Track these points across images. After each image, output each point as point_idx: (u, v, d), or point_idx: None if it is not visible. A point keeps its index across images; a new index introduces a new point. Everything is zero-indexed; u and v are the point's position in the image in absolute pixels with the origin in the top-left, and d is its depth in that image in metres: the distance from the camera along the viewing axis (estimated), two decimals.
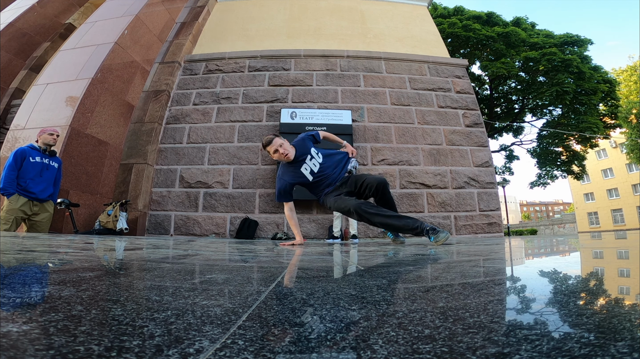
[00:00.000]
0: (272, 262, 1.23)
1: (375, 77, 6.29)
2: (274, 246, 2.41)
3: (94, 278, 0.69)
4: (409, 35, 7.33)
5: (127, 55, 5.47)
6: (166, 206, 5.23)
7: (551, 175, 14.50)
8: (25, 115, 4.60)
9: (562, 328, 0.36)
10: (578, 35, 12.89)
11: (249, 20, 7.56)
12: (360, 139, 5.63)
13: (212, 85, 6.20)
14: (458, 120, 5.97)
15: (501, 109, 14.97)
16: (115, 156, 5.07)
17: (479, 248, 1.95)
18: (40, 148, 3.37)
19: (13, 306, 0.43)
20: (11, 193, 3.16)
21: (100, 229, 4.27)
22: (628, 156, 18.42)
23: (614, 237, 3.46)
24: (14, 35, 7.21)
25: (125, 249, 1.67)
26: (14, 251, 1.22)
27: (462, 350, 0.29)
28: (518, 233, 19.71)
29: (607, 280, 0.79)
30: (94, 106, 4.73)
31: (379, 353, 0.29)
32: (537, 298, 0.54)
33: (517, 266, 1.17)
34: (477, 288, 0.62)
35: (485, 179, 5.53)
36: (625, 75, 17.94)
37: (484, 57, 13.37)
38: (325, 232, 5.07)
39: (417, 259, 1.32)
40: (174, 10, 6.98)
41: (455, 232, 5.17)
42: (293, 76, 6.24)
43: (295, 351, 0.30)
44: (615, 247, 1.86)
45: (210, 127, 5.75)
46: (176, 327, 0.36)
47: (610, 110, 13.07)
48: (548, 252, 1.83)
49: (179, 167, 5.45)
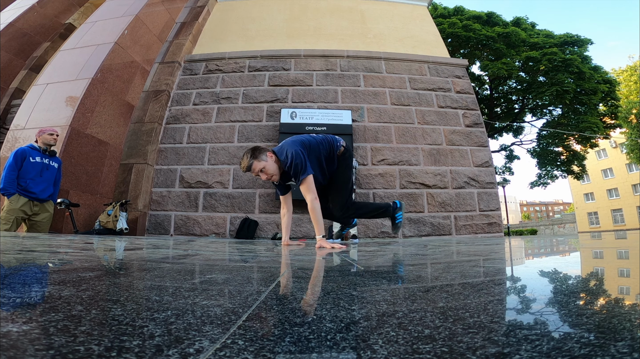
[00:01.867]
0: (272, 262, 1.23)
1: (375, 77, 6.29)
2: (274, 246, 2.41)
3: (94, 278, 0.69)
4: (409, 35, 7.33)
5: (127, 55, 5.47)
6: (166, 206, 5.23)
7: (551, 175, 14.51)
8: (25, 115, 4.59)
9: (562, 328, 0.36)
10: (578, 35, 12.90)
11: (249, 20, 7.56)
12: (360, 139, 5.63)
13: (212, 85, 6.20)
14: (458, 120, 5.97)
15: (501, 109, 14.98)
16: (115, 156, 5.07)
17: (479, 248, 1.95)
18: (40, 148, 3.37)
19: (13, 306, 0.43)
20: (11, 193, 3.16)
21: (100, 229, 4.27)
22: (628, 156, 18.43)
23: (614, 237, 3.46)
24: (14, 35, 7.21)
25: (125, 249, 1.67)
26: (14, 251, 1.23)
27: (462, 350, 0.29)
28: (518, 233, 19.71)
29: (607, 280, 0.79)
30: (94, 106, 4.73)
31: (379, 353, 0.29)
32: (537, 298, 0.54)
33: (517, 266, 1.17)
34: (477, 288, 0.62)
35: (485, 179, 5.52)
36: (625, 75, 17.94)
37: (484, 57, 13.37)
38: (325, 232, 5.07)
39: (417, 259, 1.32)
40: (174, 10, 6.98)
41: (455, 232, 5.17)
42: (293, 76, 6.24)
43: (295, 351, 0.30)
44: (615, 247, 1.86)
45: (210, 127, 5.75)
46: (176, 327, 0.36)
47: (610, 110, 13.07)
48: (548, 252, 1.83)
49: (179, 167, 5.45)
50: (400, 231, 2.56)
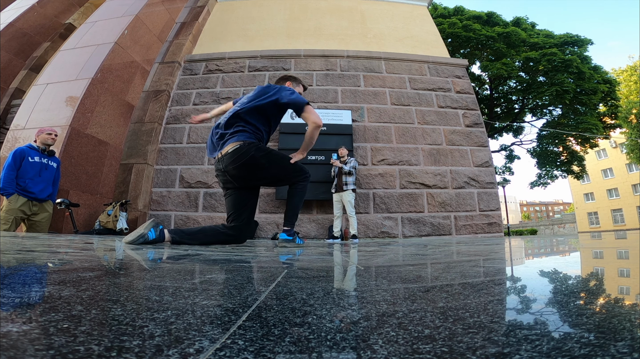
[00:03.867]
0: (272, 262, 1.23)
1: (375, 77, 6.29)
2: (274, 246, 2.41)
3: (94, 278, 0.69)
4: (409, 35, 7.33)
5: (127, 55, 5.47)
6: (166, 206, 5.23)
7: (551, 175, 14.51)
8: (25, 115, 4.59)
9: (562, 328, 0.36)
10: (578, 35, 12.91)
11: (249, 20, 7.56)
12: (360, 139, 5.63)
13: (212, 85, 6.20)
14: (458, 120, 5.97)
15: (501, 109, 14.98)
16: (115, 156, 5.07)
17: (479, 248, 1.95)
18: (39, 148, 3.37)
19: (13, 306, 0.43)
20: (11, 193, 3.15)
21: (100, 229, 4.27)
22: (628, 156, 18.43)
23: (614, 237, 3.46)
24: (14, 35, 7.21)
25: (125, 249, 1.67)
26: (14, 251, 1.22)
27: (462, 350, 0.29)
28: (518, 233, 19.71)
29: (607, 280, 0.79)
30: (94, 106, 4.73)
31: (379, 353, 0.29)
32: (537, 298, 0.54)
33: (517, 266, 1.17)
34: (477, 288, 0.62)
35: (485, 179, 5.53)
36: (625, 75, 17.95)
37: (484, 57, 13.38)
38: (325, 232, 5.07)
39: (417, 259, 1.32)
40: (174, 10, 6.98)
41: (455, 232, 5.17)
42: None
43: (295, 351, 0.30)
44: (615, 247, 1.86)
45: (210, 127, 5.74)
46: (176, 327, 0.36)
47: (610, 110, 13.08)
48: (548, 252, 1.84)
49: (179, 167, 5.45)
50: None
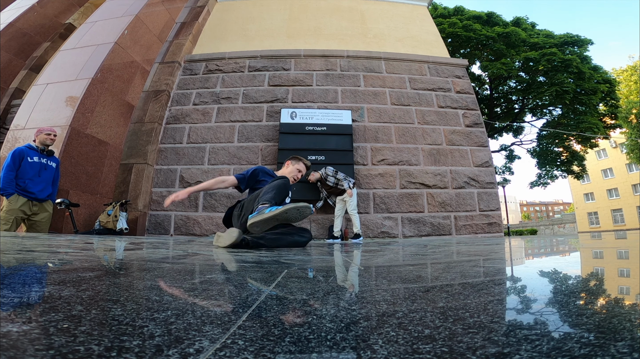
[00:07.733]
0: (272, 262, 1.23)
1: (375, 77, 6.29)
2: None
3: (94, 278, 0.69)
4: (409, 35, 7.33)
5: (127, 55, 5.47)
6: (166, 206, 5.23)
7: (551, 175, 14.51)
8: (25, 115, 4.59)
9: (562, 328, 0.36)
10: (578, 35, 12.90)
11: (248, 20, 7.56)
12: (360, 139, 5.63)
13: (212, 85, 6.19)
14: (458, 120, 5.97)
15: (501, 109, 14.98)
16: (115, 156, 5.07)
17: (479, 248, 1.95)
18: (38, 148, 3.36)
19: (13, 306, 0.43)
20: (10, 193, 3.15)
21: (100, 229, 4.27)
22: (628, 156, 18.42)
23: (614, 237, 3.46)
24: (14, 35, 7.21)
25: (125, 249, 1.67)
26: (14, 251, 1.22)
27: (462, 350, 0.29)
28: (518, 233, 19.71)
29: (607, 280, 0.79)
30: (94, 106, 4.73)
31: (379, 353, 0.29)
32: (537, 298, 0.54)
33: (517, 266, 1.17)
34: (477, 288, 0.62)
35: (485, 179, 5.53)
36: (625, 75, 17.93)
37: (484, 57, 13.38)
38: (325, 232, 5.07)
39: (417, 259, 1.32)
40: (174, 10, 6.98)
41: (455, 232, 5.17)
42: (293, 76, 6.24)
43: (295, 351, 0.30)
44: (615, 247, 1.86)
45: (210, 127, 5.75)
46: (176, 327, 0.36)
47: (610, 110, 13.07)
48: (548, 252, 1.83)
49: (179, 167, 5.45)
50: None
